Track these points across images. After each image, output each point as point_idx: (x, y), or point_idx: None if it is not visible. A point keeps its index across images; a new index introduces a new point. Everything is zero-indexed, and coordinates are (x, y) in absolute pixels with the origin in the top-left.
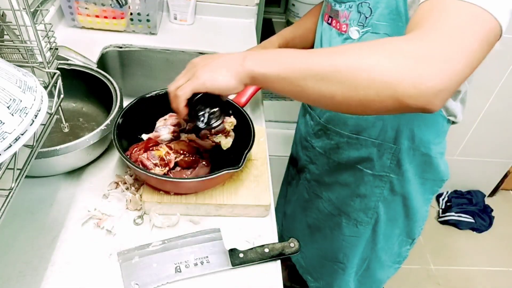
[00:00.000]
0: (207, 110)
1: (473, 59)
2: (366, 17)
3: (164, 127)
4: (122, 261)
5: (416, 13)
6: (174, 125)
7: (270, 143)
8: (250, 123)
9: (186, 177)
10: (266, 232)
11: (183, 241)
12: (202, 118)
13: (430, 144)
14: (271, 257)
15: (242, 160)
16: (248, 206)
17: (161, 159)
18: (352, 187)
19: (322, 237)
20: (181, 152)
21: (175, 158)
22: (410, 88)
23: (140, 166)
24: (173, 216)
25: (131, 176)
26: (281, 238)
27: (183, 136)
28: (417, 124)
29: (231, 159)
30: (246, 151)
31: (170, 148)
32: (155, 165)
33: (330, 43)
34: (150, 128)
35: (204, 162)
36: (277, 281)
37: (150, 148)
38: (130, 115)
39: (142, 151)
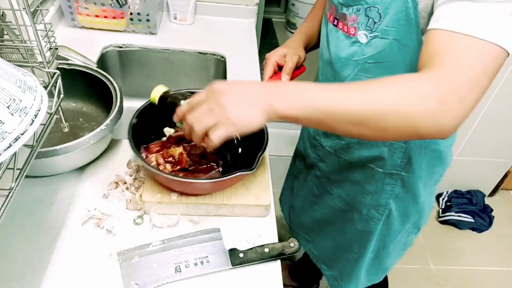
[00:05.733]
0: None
1: (482, 92)
2: (375, 22)
3: None
4: (122, 261)
5: (428, 44)
6: None
7: (271, 143)
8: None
9: (201, 178)
10: (266, 232)
11: (183, 241)
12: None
13: (440, 139)
14: (271, 257)
15: (255, 162)
16: (248, 206)
17: (174, 157)
18: (362, 184)
19: (335, 230)
20: (194, 155)
21: (186, 161)
22: (431, 128)
23: (154, 163)
24: (173, 216)
25: (131, 176)
26: (290, 230)
27: None
28: None
29: (242, 161)
30: (260, 153)
31: (185, 149)
32: (167, 162)
33: (338, 46)
34: (160, 130)
35: (215, 166)
36: (277, 281)
37: (167, 146)
38: (143, 116)
39: (159, 148)
